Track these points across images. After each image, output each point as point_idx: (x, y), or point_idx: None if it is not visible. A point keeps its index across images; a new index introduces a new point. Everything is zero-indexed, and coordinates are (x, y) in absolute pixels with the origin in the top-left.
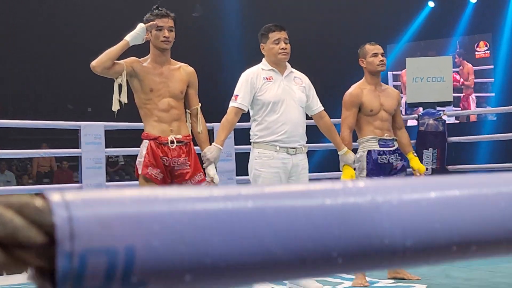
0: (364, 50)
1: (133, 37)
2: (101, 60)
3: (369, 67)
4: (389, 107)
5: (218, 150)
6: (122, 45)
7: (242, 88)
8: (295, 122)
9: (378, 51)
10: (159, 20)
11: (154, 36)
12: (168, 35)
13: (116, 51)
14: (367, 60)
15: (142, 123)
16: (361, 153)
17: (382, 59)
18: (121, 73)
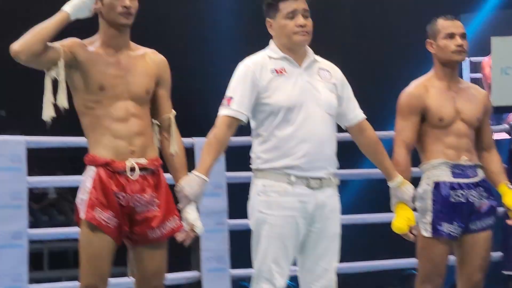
0: (434, 26)
1: (76, 7)
2: (27, 42)
3: (440, 54)
4: (471, 116)
5: (201, 183)
6: (59, 20)
7: (239, 86)
8: (319, 139)
9: (456, 31)
10: None
11: (107, 6)
12: (129, 4)
13: (50, 29)
14: (438, 43)
15: (85, 139)
16: (425, 187)
17: (461, 43)
18: (57, 62)
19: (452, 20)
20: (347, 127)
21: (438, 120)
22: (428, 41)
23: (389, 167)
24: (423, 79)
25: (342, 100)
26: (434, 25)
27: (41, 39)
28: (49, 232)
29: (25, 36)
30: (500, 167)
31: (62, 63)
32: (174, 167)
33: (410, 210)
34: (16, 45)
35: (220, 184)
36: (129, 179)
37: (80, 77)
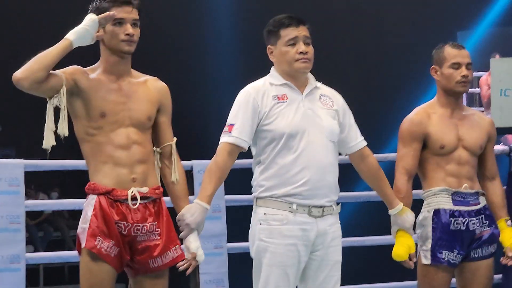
0: (441, 53)
1: (79, 35)
2: (30, 70)
3: (443, 82)
4: (473, 143)
5: (202, 211)
6: (62, 47)
7: (240, 113)
8: (322, 166)
9: (462, 61)
10: (118, 9)
11: (110, 34)
12: (132, 31)
13: (53, 57)
14: (443, 71)
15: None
16: (425, 214)
17: (466, 74)
18: (59, 89)
19: (460, 49)
20: (348, 154)
21: (439, 148)
22: (433, 67)
23: (390, 195)
24: (425, 105)
25: (344, 127)
26: (440, 52)
27: (44, 67)
28: (46, 256)
29: (28, 64)
30: (502, 199)
31: (64, 90)
32: (175, 195)
33: (410, 237)
34: (19, 73)
35: (219, 207)
36: (130, 207)
37: (82, 104)
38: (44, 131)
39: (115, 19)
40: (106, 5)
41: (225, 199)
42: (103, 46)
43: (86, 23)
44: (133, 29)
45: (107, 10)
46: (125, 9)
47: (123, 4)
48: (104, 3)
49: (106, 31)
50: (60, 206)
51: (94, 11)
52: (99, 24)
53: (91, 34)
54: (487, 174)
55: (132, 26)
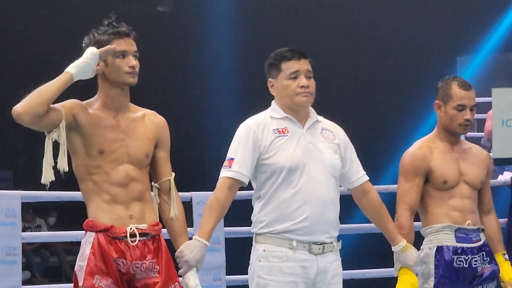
0: (447, 91)
1: (80, 69)
2: (30, 104)
3: (445, 121)
4: (474, 178)
5: (202, 248)
6: (63, 81)
7: (240, 147)
8: (323, 202)
9: (468, 103)
10: (120, 41)
11: (112, 66)
12: (135, 63)
13: (54, 91)
14: (447, 110)
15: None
16: (427, 251)
17: (469, 117)
18: (58, 124)
19: (467, 90)
20: (350, 189)
21: (442, 183)
22: (437, 103)
23: (392, 231)
24: (426, 139)
25: (346, 162)
26: (447, 89)
27: (44, 101)
28: None
29: (28, 98)
30: (499, 234)
31: (64, 125)
32: (174, 231)
33: (413, 275)
34: (19, 107)
35: (218, 239)
36: (129, 245)
37: (80, 140)
38: (43, 166)
39: (118, 52)
40: (106, 37)
41: (224, 231)
42: (103, 79)
43: (87, 56)
44: (135, 61)
45: (108, 43)
46: (126, 41)
47: (124, 36)
48: (105, 35)
49: (108, 64)
50: (57, 238)
51: (93, 44)
52: (100, 58)
53: (92, 68)
54: (484, 208)
55: (134, 58)
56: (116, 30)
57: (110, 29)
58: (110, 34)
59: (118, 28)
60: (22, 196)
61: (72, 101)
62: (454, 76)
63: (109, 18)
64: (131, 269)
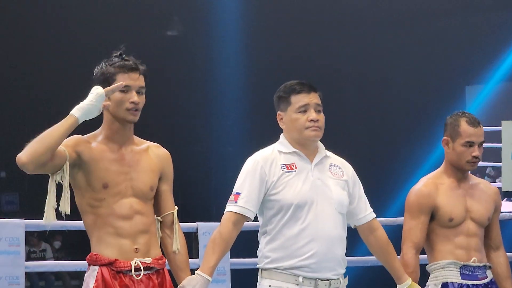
0: (456, 127)
1: (85, 111)
2: (34, 153)
3: (453, 158)
4: (481, 215)
5: (204, 283)
6: (67, 126)
7: (247, 182)
8: (330, 239)
9: (476, 140)
10: (125, 75)
11: (115, 101)
12: (137, 100)
13: (58, 138)
14: (455, 147)
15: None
16: (433, 287)
17: (477, 154)
18: (62, 166)
19: (476, 127)
20: (356, 226)
21: (447, 220)
22: (445, 139)
23: (398, 269)
24: (432, 175)
25: (353, 198)
26: (456, 126)
27: (49, 149)
28: None
29: (32, 146)
30: (507, 270)
31: (67, 166)
32: (176, 265)
33: None
34: (23, 156)
35: (224, 270)
36: (133, 279)
37: (84, 175)
38: (45, 207)
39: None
40: (112, 70)
41: (230, 262)
42: (107, 113)
43: (92, 98)
44: (139, 96)
45: (113, 76)
46: (131, 76)
47: (130, 71)
48: (111, 68)
49: (112, 99)
50: (62, 268)
51: (99, 75)
52: (106, 96)
53: (97, 108)
54: (492, 244)
55: (137, 94)
56: (121, 64)
57: (117, 61)
58: (116, 67)
59: (125, 61)
60: (26, 224)
61: (75, 137)
62: (463, 112)
63: (118, 50)
64: None
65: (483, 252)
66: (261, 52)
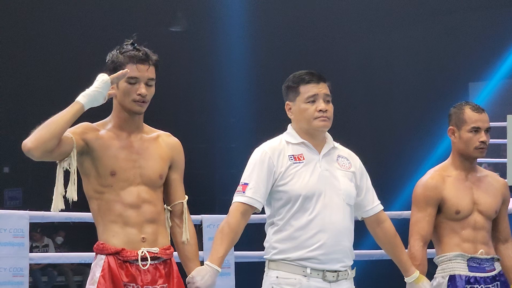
0: (460, 115)
1: (91, 98)
2: (40, 139)
3: (460, 146)
4: (488, 208)
5: (213, 274)
6: (73, 112)
7: (255, 172)
8: (338, 230)
9: (482, 125)
10: (133, 66)
11: (122, 91)
12: (144, 92)
13: (64, 124)
14: (461, 135)
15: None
16: (439, 280)
17: (485, 139)
18: (69, 153)
19: (480, 112)
20: (364, 218)
21: (454, 213)
22: (451, 128)
23: (406, 262)
24: (439, 168)
25: (361, 190)
26: (460, 114)
27: (55, 136)
28: None
29: (38, 132)
30: None
31: (75, 153)
32: (185, 255)
33: None
34: (29, 143)
35: (228, 263)
36: (140, 268)
37: (92, 162)
38: (54, 194)
39: (129, 77)
40: (122, 59)
41: (235, 255)
42: (115, 101)
43: (98, 85)
44: (147, 88)
45: (123, 65)
46: (140, 67)
47: (139, 62)
48: (121, 57)
49: (119, 88)
50: (65, 260)
51: (110, 64)
52: (112, 83)
53: (103, 95)
54: (500, 237)
55: (145, 86)
56: (132, 54)
57: (128, 50)
58: (126, 56)
59: (135, 52)
60: (30, 216)
61: (83, 125)
62: (466, 102)
63: (129, 38)
64: None
65: (490, 245)
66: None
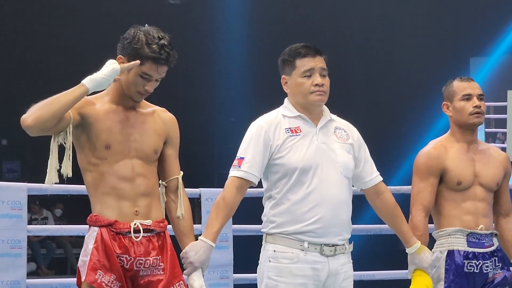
0: (450, 88)
1: (97, 83)
2: (40, 118)
3: (456, 117)
4: (489, 180)
5: (207, 249)
6: (77, 95)
7: (251, 146)
8: (335, 203)
9: (473, 92)
10: (154, 66)
11: (132, 81)
12: (151, 89)
13: (67, 105)
14: (455, 105)
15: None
16: (438, 254)
17: (478, 104)
18: (65, 128)
19: (469, 81)
20: (363, 190)
21: (456, 184)
22: (445, 103)
23: (407, 233)
24: (441, 138)
25: (359, 162)
26: (449, 87)
27: (55, 116)
28: (48, 282)
29: (38, 109)
30: None
31: (70, 129)
32: (180, 230)
33: (428, 277)
34: (29, 120)
35: (226, 237)
36: (133, 241)
37: (87, 136)
38: (48, 167)
39: (144, 72)
40: (144, 54)
41: (233, 228)
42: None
43: (107, 72)
44: (154, 83)
45: (143, 58)
46: (160, 69)
47: (160, 64)
48: (146, 50)
49: (129, 75)
50: (63, 232)
51: (128, 45)
52: (121, 71)
53: (109, 83)
54: (501, 210)
55: (154, 82)
56: (157, 56)
57: (155, 46)
58: (150, 53)
59: (161, 53)
60: (28, 188)
61: (82, 100)
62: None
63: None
64: (135, 266)
65: (491, 218)
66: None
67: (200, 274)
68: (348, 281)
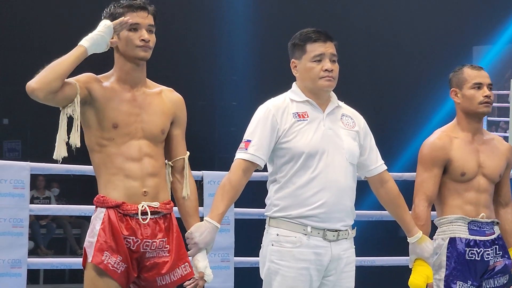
0: (460, 75)
1: (94, 42)
2: (44, 80)
3: (465, 105)
4: (493, 171)
5: (212, 230)
6: (77, 55)
7: (258, 129)
8: (340, 189)
9: (483, 81)
10: (133, 14)
11: (124, 40)
12: (147, 37)
13: (68, 65)
14: (464, 93)
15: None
16: (439, 241)
17: (488, 93)
18: (73, 98)
19: (479, 70)
20: (367, 178)
21: (460, 175)
22: (453, 90)
23: (409, 222)
24: (446, 128)
25: (364, 150)
26: (460, 74)
27: (59, 76)
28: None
29: (42, 73)
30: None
31: (78, 99)
32: (185, 211)
33: (428, 267)
34: (33, 83)
35: (228, 220)
36: (140, 222)
37: (94, 113)
38: (56, 141)
39: (130, 25)
40: (120, 10)
41: (235, 211)
42: (118, 53)
43: (100, 29)
44: (149, 34)
45: (122, 16)
46: (140, 14)
47: (138, 10)
48: (119, 8)
49: (121, 38)
50: (65, 212)
51: (108, 17)
52: (114, 31)
53: (106, 41)
54: (501, 200)
55: (147, 32)
56: (129, 3)
57: (125, 2)
58: (124, 7)
59: (133, 0)
60: (31, 167)
61: (87, 75)
62: (463, 65)
63: None
64: (141, 248)
65: (491, 208)
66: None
67: (205, 255)
68: (350, 266)
